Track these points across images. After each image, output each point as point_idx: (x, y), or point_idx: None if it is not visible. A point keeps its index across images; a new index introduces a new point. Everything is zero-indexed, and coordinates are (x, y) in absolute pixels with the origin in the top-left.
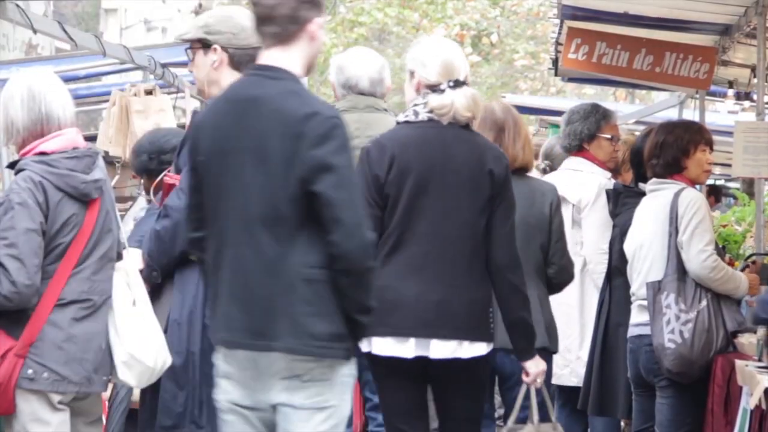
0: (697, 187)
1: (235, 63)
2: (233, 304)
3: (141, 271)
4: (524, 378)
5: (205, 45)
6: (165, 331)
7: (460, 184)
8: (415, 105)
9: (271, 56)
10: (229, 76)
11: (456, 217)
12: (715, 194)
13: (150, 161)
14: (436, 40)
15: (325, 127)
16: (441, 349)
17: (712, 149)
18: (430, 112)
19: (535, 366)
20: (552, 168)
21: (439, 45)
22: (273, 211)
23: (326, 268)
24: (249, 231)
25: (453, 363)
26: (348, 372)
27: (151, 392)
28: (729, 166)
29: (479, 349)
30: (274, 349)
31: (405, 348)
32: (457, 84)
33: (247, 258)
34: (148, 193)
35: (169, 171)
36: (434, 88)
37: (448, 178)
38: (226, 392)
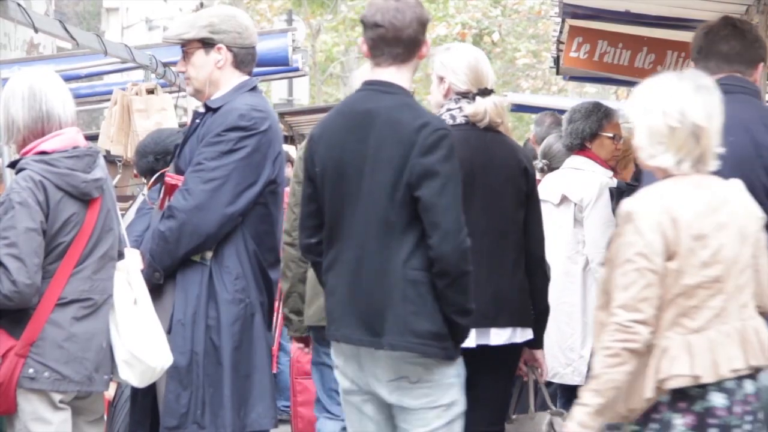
0: None
1: (238, 62)
2: (348, 303)
3: (142, 272)
4: (534, 366)
5: (207, 44)
6: (168, 332)
7: (503, 182)
8: (450, 110)
9: (385, 73)
10: (231, 76)
11: (502, 212)
12: None
13: (156, 162)
14: (466, 48)
15: (435, 138)
16: (499, 336)
17: None
18: (465, 116)
19: (542, 355)
20: (550, 167)
21: (469, 53)
22: (384, 215)
23: (428, 271)
24: (364, 234)
25: (508, 348)
26: (454, 372)
27: (143, 393)
28: None
29: (528, 334)
30: (378, 346)
31: (468, 339)
32: (485, 92)
33: (362, 260)
34: None
35: (167, 171)
36: (464, 95)
37: (491, 176)
38: (340, 383)
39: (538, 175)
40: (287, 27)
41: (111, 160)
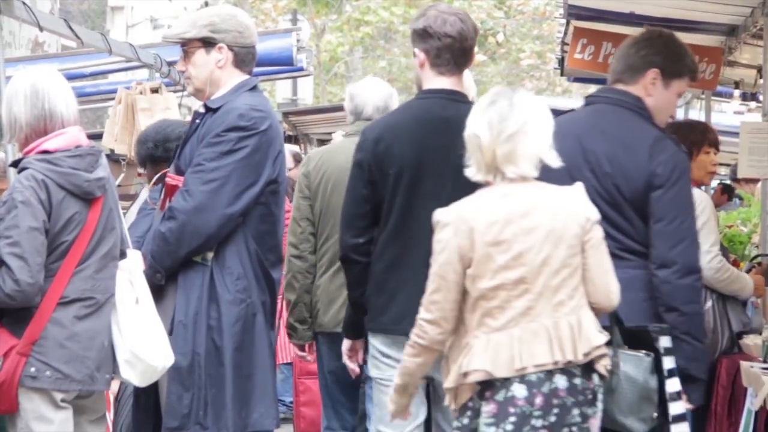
0: (702, 187)
1: (239, 61)
2: (413, 300)
3: (143, 272)
4: None
5: (207, 44)
6: (170, 333)
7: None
8: None
9: (449, 82)
10: (231, 76)
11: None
12: (728, 192)
13: (155, 148)
14: None
15: None
16: None
17: (717, 150)
18: None
19: None
20: None
21: None
22: None
23: None
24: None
25: None
26: None
27: (146, 394)
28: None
29: None
30: None
31: None
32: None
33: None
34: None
35: (168, 172)
36: None
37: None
38: (383, 371)
39: None
40: (292, 27)
41: (115, 159)
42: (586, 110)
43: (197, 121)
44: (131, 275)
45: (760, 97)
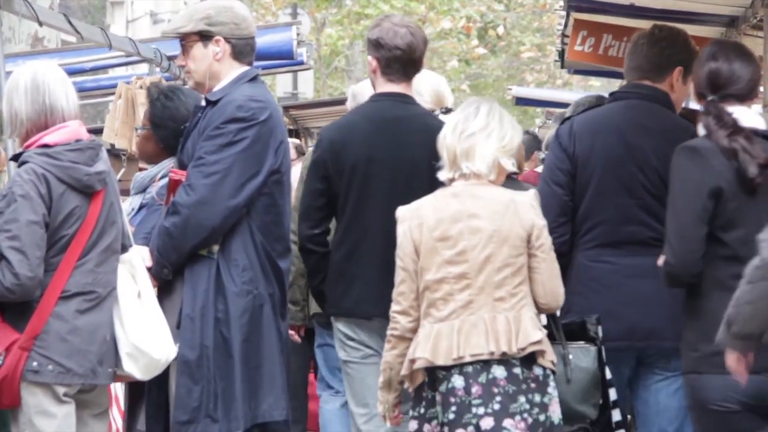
0: None
1: (237, 53)
2: (370, 285)
3: (150, 269)
4: None
5: (204, 37)
6: (177, 327)
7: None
8: None
9: (398, 87)
10: (230, 68)
11: None
12: None
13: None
14: (426, 73)
15: None
16: None
17: None
18: None
19: None
20: None
21: (432, 77)
22: None
23: None
24: (394, 226)
25: None
26: None
27: (157, 388)
28: None
29: None
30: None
31: None
32: (448, 111)
33: (386, 248)
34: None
35: (173, 167)
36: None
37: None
38: (353, 353)
39: (540, 167)
40: (292, 20)
41: (115, 153)
42: (619, 105)
43: (198, 114)
44: (133, 269)
45: (761, 89)
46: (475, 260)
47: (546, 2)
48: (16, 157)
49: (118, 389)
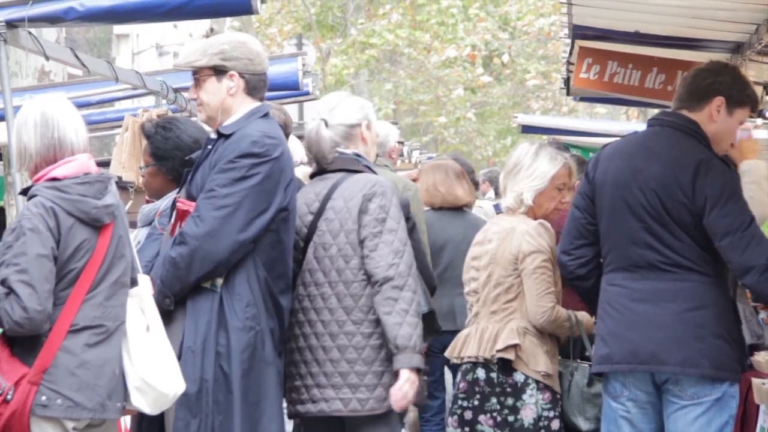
0: None
1: (250, 89)
2: None
3: (152, 297)
4: None
5: (218, 71)
6: (178, 359)
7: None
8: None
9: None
10: (242, 103)
11: None
12: None
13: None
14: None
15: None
16: None
17: None
18: None
19: None
20: None
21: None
22: None
23: None
24: None
25: None
26: None
27: (149, 420)
28: None
29: None
30: None
31: None
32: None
33: None
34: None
35: (179, 197)
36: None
37: None
38: None
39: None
40: (297, 51)
41: (123, 186)
42: (644, 132)
43: (209, 147)
44: (142, 303)
45: (767, 114)
46: (481, 278)
47: (551, 30)
48: (25, 191)
49: (128, 423)
